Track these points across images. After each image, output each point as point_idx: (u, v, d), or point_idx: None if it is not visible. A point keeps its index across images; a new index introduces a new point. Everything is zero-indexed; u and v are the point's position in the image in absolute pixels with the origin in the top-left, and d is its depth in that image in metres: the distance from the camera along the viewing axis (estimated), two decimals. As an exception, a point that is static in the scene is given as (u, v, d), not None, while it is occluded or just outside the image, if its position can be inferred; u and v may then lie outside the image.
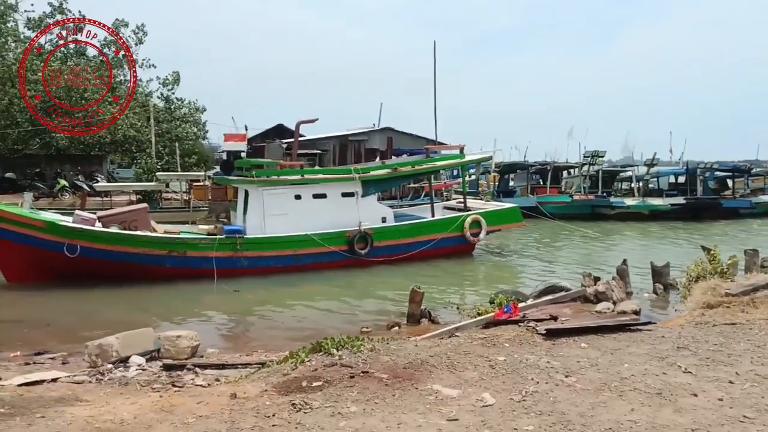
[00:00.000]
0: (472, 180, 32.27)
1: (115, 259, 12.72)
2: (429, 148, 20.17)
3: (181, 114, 36.26)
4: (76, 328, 9.83)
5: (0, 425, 4.18)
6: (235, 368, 7.10)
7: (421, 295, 9.76)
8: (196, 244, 13.59)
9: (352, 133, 34.10)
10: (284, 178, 15.07)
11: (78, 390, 5.67)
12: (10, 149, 30.86)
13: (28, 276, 12.55)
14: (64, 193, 28.32)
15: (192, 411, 4.54)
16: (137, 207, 15.43)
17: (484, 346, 6.22)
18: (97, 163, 34.88)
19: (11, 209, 13.07)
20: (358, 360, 5.55)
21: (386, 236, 15.36)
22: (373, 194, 16.17)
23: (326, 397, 4.68)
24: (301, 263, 14.34)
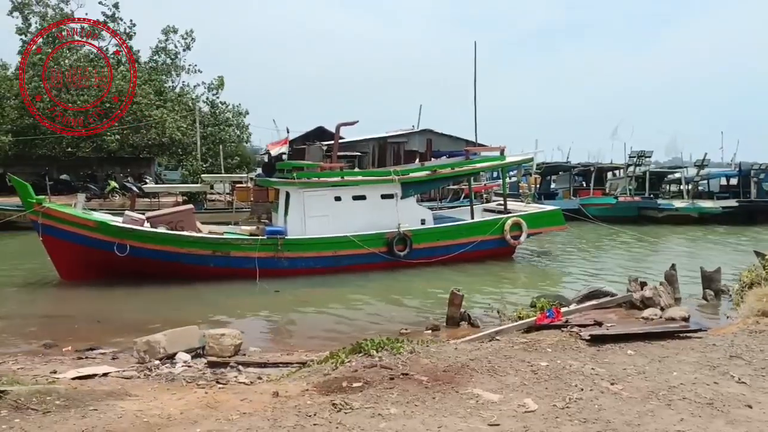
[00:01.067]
0: (513, 182, 31.87)
1: (163, 259, 13.12)
2: (469, 150, 20.03)
3: (224, 118, 37.19)
4: (125, 324, 10.19)
5: (56, 416, 4.38)
6: (276, 367, 7.22)
7: (460, 297, 9.69)
8: (239, 244, 13.88)
9: (392, 135, 34.16)
10: (324, 180, 15.23)
11: (127, 385, 5.87)
12: (65, 152, 32.28)
13: (81, 274, 13.06)
14: (114, 194, 29.42)
15: (236, 408, 4.64)
16: (183, 208, 15.88)
17: (526, 350, 6.13)
18: (145, 165, 36.09)
19: (66, 210, 13.65)
20: (397, 362, 5.56)
21: (425, 238, 15.32)
22: (412, 196, 16.16)
23: (366, 398, 4.70)
24: (340, 264, 14.45)
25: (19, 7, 33.06)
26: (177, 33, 37.35)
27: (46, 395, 4.70)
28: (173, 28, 37.20)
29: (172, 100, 35.39)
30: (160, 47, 37.31)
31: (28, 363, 7.56)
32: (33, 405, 4.49)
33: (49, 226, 12.87)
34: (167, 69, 37.65)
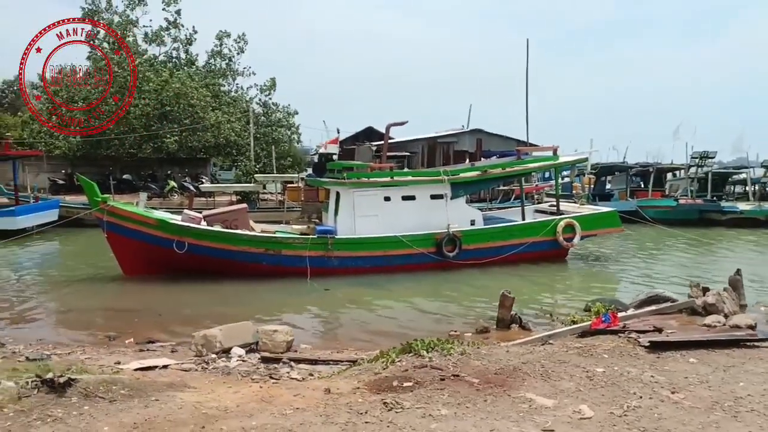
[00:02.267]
0: (566, 182, 31.09)
1: (218, 256, 13.54)
2: (520, 150, 19.68)
3: (276, 118, 38.03)
4: (183, 319, 10.59)
5: (121, 405, 4.60)
6: (326, 364, 7.32)
7: (511, 300, 9.53)
8: (290, 243, 14.16)
9: (441, 135, 34.01)
10: (374, 180, 15.32)
11: (186, 377, 6.10)
12: (128, 153, 33.81)
13: (142, 269, 13.65)
14: (173, 193, 30.58)
15: (289, 403, 4.74)
16: (238, 207, 16.33)
17: (581, 355, 5.97)
18: (201, 165, 37.34)
19: (129, 208, 14.30)
20: (448, 363, 5.53)
21: (475, 239, 15.16)
22: (462, 196, 16.03)
23: (417, 398, 4.70)
24: (389, 264, 14.49)
25: (88, 14, 34.91)
26: (230, 37, 38.50)
27: (112, 384, 4.94)
28: (226, 32, 38.38)
29: (227, 102, 36.49)
30: (216, 51, 38.54)
31: (94, 353, 7.98)
32: (100, 393, 4.73)
33: (113, 224, 13.52)
34: (222, 72, 38.84)
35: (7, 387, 4.58)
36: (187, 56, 38.30)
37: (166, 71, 34.18)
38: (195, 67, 37.81)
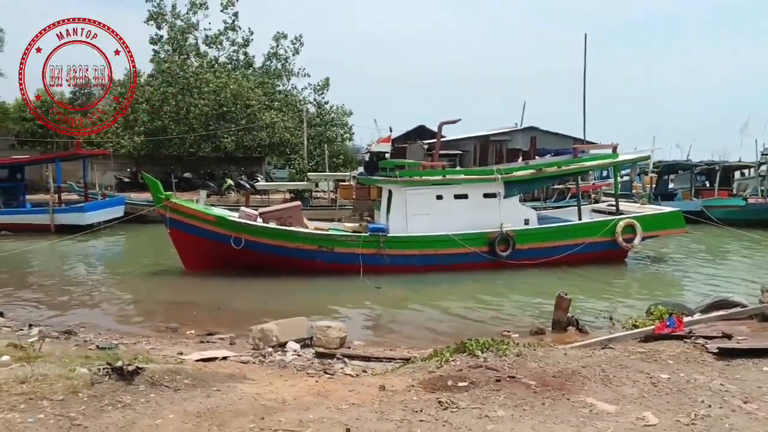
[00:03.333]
0: (625, 181, 30.03)
1: (273, 252, 13.86)
2: (577, 148, 19.16)
3: (330, 118, 38.56)
4: (240, 313, 10.91)
5: (185, 393, 4.78)
6: (379, 361, 7.36)
7: (568, 301, 9.29)
8: (343, 240, 14.32)
9: (494, 133, 33.53)
10: (426, 179, 15.27)
11: (244, 369, 6.27)
12: (188, 152, 35.13)
13: (202, 264, 14.15)
14: (230, 191, 31.55)
15: (344, 398, 4.79)
16: (292, 205, 16.65)
17: (644, 361, 5.74)
18: (257, 164, 38.37)
19: (190, 205, 14.85)
20: (503, 364, 5.44)
21: (529, 239, 14.87)
22: (515, 195, 15.74)
23: (472, 399, 4.65)
24: (441, 263, 14.42)
25: (153, 17, 36.49)
26: (287, 39, 39.32)
27: (176, 374, 5.14)
28: (283, 34, 39.23)
29: (281, 101, 37.29)
30: (272, 53, 39.45)
31: (158, 344, 8.34)
32: (165, 382, 4.93)
33: (175, 220, 14.07)
34: (278, 73, 39.73)
35: (81, 373, 4.85)
36: (245, 58, 39.40)
37: (224, 73, 35.29)
38: (252, 68, 38.85)
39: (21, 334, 8.29)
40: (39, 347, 6.39)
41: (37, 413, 4.11)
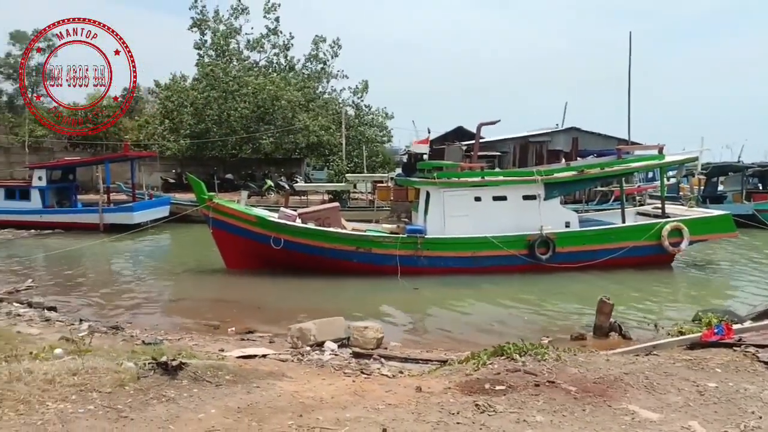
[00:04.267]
0: (672, 183, 29.07)
1: (311, 253, 14.04)
2: (621, 149, 18.66)
3: (368, 119, 38.78)
4: (279, 311, 11.09)
5: (226, 389, 4.90)
6: (416, 363, 7.36)
7: (610, 306, 9.07)
8: (380, 241, 14.36)
9: (534, 134, 32.99)
10: (464, 180, 15.17)
11: (283, 367, 6.38)
12: (230, 154, 35.93)
13: (243, 263, 14.45)
14: (270, 192, 32.07)
15: (381, 398, 4.82)
16: (330, 206, 16.82)
17: (690, 369, 5.55)
18: (296, 165, 38.88)
19: (232, 205, 15.18)
20: (542, 368, 5.36)
21: (570, 241, 14.57)
22: (556, 197, 15.45)
23: (510, 403, 4.60)
24: (479, 265, 14.29)
25: (197, 23, 37.52)
26: (326, 42, 39.76)
27: (218, 370, 5.27)
28: (322, 37, 39.67)
29: (320, 105, 37.73)
30: (312, 55, 39.96)
31: (201, 340, 8.57)
32: (208, 377, 5.06)
33: (217, 220, 14.43)
34: (317, 76, 40.21)
35: (128, 367, 5.03)
36: (286, 61, 40.05)
37: (261, 75, 35.96)
38: (293, 71, 39.47)
39: (72, 328, 8.67)
40: (89, 341, 6.66)
41: (87, 404, 4.29)
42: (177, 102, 35.86)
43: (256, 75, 35.81)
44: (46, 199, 23.17)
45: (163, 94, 37.91)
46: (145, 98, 51.08)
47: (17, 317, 9.32)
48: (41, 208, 22.84)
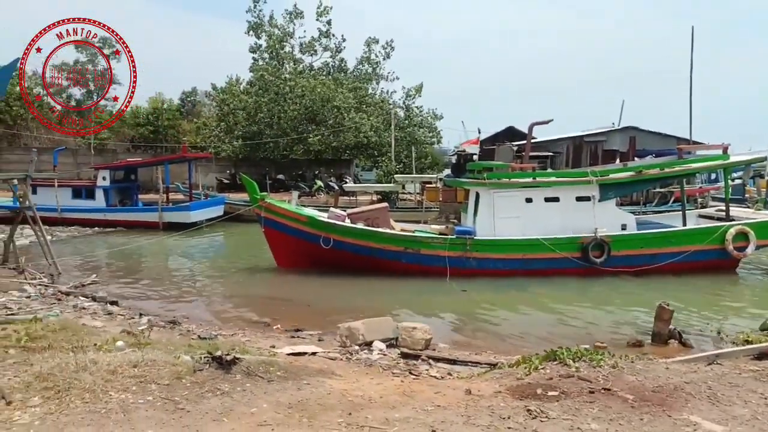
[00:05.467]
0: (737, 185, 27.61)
1: (360, 252, 14.14)
2: (682, 148, 17.86)
3: (418, 120, 38.72)
4: (328, 310, 11.21)
5: (278, 385, 4.99)
6: (465, 365, 7.28)
7: (669, 313, 8.70)
8: (429, 242, 14.31)
9: (588, 134, 32.01)
10: (515, 181, 14.90)
11: (332, 365, 6.44)
12: (281, 155, 36.67)
13: (293, 262, 14.72)
14: (319, 192, 32.53)
15: (430, 399, 4.79)
16: (379, 206, 16.89)
17: (758, 380, 5.25)
18: (345, 166, 39.25)
19: (283, 205, 15.49)
20: (598, 375, 5.19)
21: (626, 245, 14.07)
22: (611, 199, 14.96)
23: (563, 409, 4.47)
24: (529, 268, 14.01)
25: (253, 28, 38.52)
26: (378, 43, 39.96)
27: (270, 366, 5.38)
28: (375, 39, 39.87)
29: (371, 105, 37.94)
30: (364, 57, 40.25)
31: (253, 336, 8.77)
32: (260, 373, 5.18)
33: (269, 219, 14.75)
34: (368, 77, 40.48)
35: (185, 360, 5.21)
36: (339, 64, 40.52)
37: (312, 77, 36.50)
38: (345, 73, 39.90)
39: (133, 322, 9.07)
40: (148, 335, 6.95)
41: (147, 395, 4.47)
42: (232, 105, 36.92)
43: (307, 78, 36.39)
44: (110, 199, 24.29)
45: (219, 97, 39.07)
46: (202, 101, 52.90)
47: (82, 310, 9.82)
48: (105, 206, 23.97)
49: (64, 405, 4.18)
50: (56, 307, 9.73)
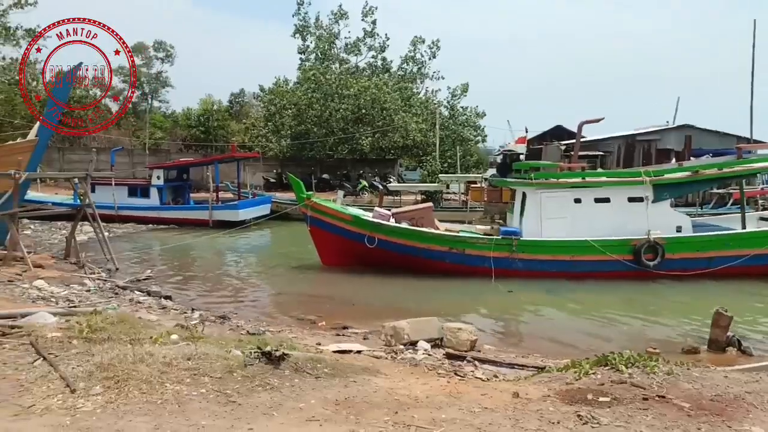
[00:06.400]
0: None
1: (404, 252, 14.15)
2: (741, 147, 17.05)
3: (463, 119, 38.45)
4: (372, 309, 11.29)
5: (325, 382, 5.06)
6: (511, 368, 7.19)
7: (728, 319, 8.34)
8: (474, 242, 14.18)
9: (641, 133, 31.00)
10: (563, 181, 14.59)
11: (377, 363, 6.47)
12: (327, 154, 37.13)
13: (338, 261, 14.87)
14: (364, 191, 32.74)
15: (477, 401, 4.75)
16: (424, 206, 16.86)
17: (827, 393, 4.95)
18: (390, 165, 39.37)
19: (329, 204, 15.68)
20: (652, 382, 5.02)
21: (681, 248, 13.56)
22: (666, 200, 14.45)
23: (615, 416, 4.35)
24: (578, 270, 13.69)
25: (299, 30, 39.20)
26: (424, 43, 39.90)
27: (317, 362, 5.46)
28: (421, 38, 39.83)
29: (416, 105, 37.92)
30: (409, 57, 40.27)
31: (299, 333, 8.92)
32: (308, 369, 5.26)
33: (315, 218, 14.96)
34: (413, 77, 40.47)
35: (236, 355, 5.35)
36: (383, 63, 40.70)
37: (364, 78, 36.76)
38: (390, 73, 40.03)
39: (185, 316, 9.37)
40: (201, 329, 7.16)
41: (200, 387, 4.61)
42: (279, 105, 37.62)
43: (356, 78, 36.71)
44: (163, 197, 25.18)
45: (267, 97, 39.89)
46: (250, 102, 54.16)
47: (138, 304, 10.23)
48: (159, 204, 24.87)
49: (123, 394, 4.36)
50: (114, 300, 10.18)
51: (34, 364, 5.07)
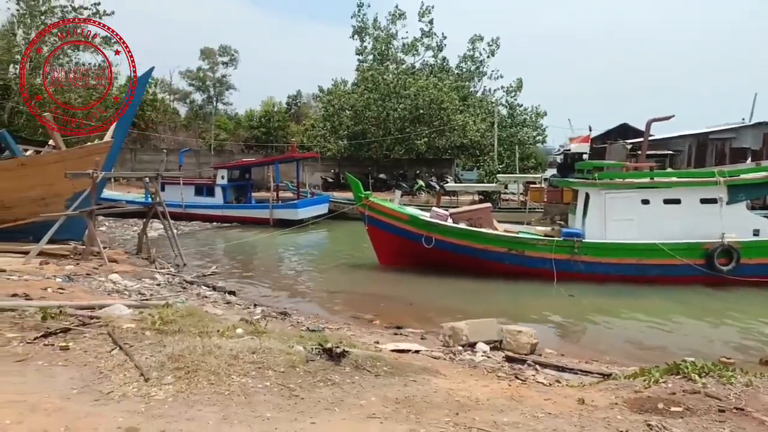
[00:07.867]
0: None
1: (462, 253, 14.02)
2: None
3: (522, 119, 37.71)
4: (430, 309, 11.25)
5: (384, 380, 5.09)
6: (574, 373, 6.99)
7: (813, 330, 7.75)
8: (534, 244, 13.88)
9: (714, 131, 29.36)
10: (630, 181, 14.04)
11: (436, 364, 6.45)
12: (383, 154, 37.34)
13: (395, 260, 14.92)
14: (420, 191, 32.68)
15: (540, 406, 4.65)
16: (483, 206, 16.64)
17: None
18: (446, 165, 39.13)
19: (386, 204, 15.76)
20: (728, 393, 4.75)
21: (759, 252, 12.78)
22: (742, 201, 13.63)
23: (689, 427, 4.15)
24: (644, 274, 13.14)
25: (357, 32, 39.66)
26: (483, 41, 39.43)
27: (377, 361, 5.50)
28: (479, 36, 39.38)
29: (474, 104, 37.52)
30: (468, 55, 39.90)
31: (357, 331, 9.02)
32: (367, 367, 5.31)
33: (373, 218, 15.07)
34: (471, 75, 40.08)
35: (298, 350, 5.47)
36: (440, 63, 40.55)
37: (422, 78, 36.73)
38: (447, 72, 39.83)
39: (249, 311, 9.67)
40: (264, 324, 7.37)
41: (265, 381, 4.74)
42: (337, 105, 38.16)
43: (415, 78, 36.73)
44: (227, 196, 26.06)
45: (326, 98, 40.57)
46: (308, 103, 55.25)
47: (204, 299, 10.64)
48: (223, 203, 25.77)
49: (193, 385, 4.55)
50: (182, 294, 10.63)
51: (111, 353, 5.37)
